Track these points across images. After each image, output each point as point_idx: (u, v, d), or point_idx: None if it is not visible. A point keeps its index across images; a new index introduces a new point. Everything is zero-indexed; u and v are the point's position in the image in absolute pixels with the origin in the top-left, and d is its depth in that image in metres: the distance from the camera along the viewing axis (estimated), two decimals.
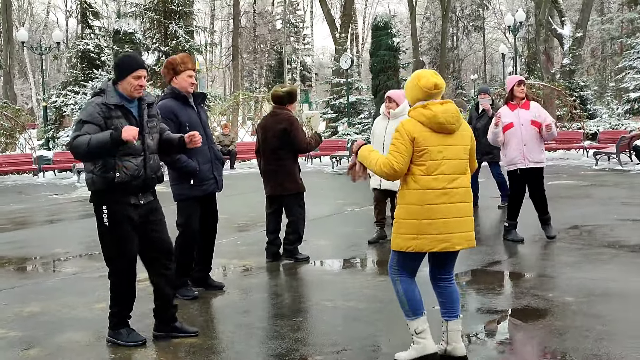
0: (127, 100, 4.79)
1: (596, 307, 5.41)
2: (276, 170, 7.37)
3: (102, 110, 4.67)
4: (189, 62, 6.00)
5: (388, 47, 24.61)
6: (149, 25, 28.37)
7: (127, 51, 20.07)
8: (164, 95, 6.10)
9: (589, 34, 42.60)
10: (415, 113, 4.28)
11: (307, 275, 7.08)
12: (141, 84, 4.78)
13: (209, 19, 59.89)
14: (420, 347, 4.33)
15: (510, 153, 8.00)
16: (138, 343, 4.91)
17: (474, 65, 74.54)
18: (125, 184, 4.73)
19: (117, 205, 4.77)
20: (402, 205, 4.28)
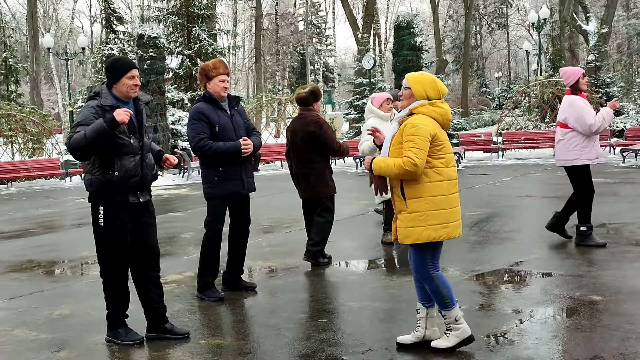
0: (122, 102, 4.89)
1: (623, 305, 5.37)
2: (307, 173, 7.38)
3: (97, 113, 4.76)
4: (221, 67, 6.12)
5: (410, 46, 24.56)
6: (172, 29, 28.59)
7: (151, 56, 20.23)
8: (198, 99, 6.25)
9: (615, 30, 42.13)
10: (426, 109, 4.44)
11: (332, 276, 7.11)
12: (136, 83, 4.90)
13: (231, 21, 60.17)
14: (460, 332, 4.54)
15: (596, 146, 7.69)
16: (136, 342, 5.02)
17: (498, 63, 74.07)
18: (124, 182, 4.83)
19: (114, 205, 4.88)
20: (425, 197, 4.39)
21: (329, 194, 7.47)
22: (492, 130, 25.35)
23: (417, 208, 4.39)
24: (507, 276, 6.69)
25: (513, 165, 19.61)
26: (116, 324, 5.09)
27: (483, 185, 14.50)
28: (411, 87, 4.53)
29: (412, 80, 4.56)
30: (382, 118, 8.09)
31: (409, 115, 4.48)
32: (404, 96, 4.59)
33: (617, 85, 28.71)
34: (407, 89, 4.56)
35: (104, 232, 4.93)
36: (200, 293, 6.20)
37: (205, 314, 5.79)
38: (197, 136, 5.95)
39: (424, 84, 4.51)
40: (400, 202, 4.48)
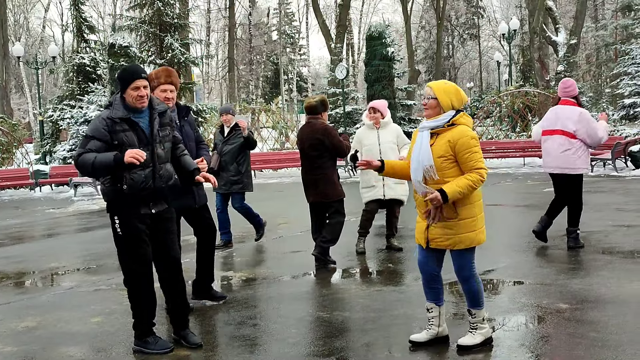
0: (135, 112, 4.82)
1: (589, 313, 5.44)
2: (316, 179, 7.64)
3: (107, 125, 4.73)
4: (162, 76, 5.87)
5: (383, 56, 24.69)
6: (144, 39, 28.40)
7: (122, 65, 20.13)
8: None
9: (584, 41, 42.78)
10: (465, 120, 4.64)
11: (303, 286, 7.10)
12: (141, 94, 4.79)
13: (204, 31, 60.03)
14: (485, 331, 4.78)
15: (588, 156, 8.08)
16: (166, 350, 4.93)
17: (470, 73, 74.74)
18: (134, 194, 4.78)
19: (127, 215, 4.84)
20: (474, 203, 4.61)
21: (339, 197, 7.71)
22: None
23: (469, 214, 4.58)
24: None
25: None
26: (144, 333, 5.00)
27: None
28: (437, 97, 4.58)
29: (438, 90, 4.61)
30: (368, 127, 8.29)
31: (450, 126, 4.54)
32: (429, 106, 4.62)
33: (586, 95, 29.12)
34: (433, 99, 4.59)
35: (123, 241, 4.89)
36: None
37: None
38: None
39: (449, 94, 4.60)
40: (449, 209, 4.53)
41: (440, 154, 4.52)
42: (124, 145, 4.71)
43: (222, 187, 8.96)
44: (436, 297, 4.83)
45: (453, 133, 4.52)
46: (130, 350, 5.08)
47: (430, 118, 4.61)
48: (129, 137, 4.75)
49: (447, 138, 4.51)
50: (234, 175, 8.99)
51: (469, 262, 4.70)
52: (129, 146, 4.71)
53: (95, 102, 23.64)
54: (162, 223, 5.00)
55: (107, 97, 21.45)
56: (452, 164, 4.53)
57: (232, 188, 9.04)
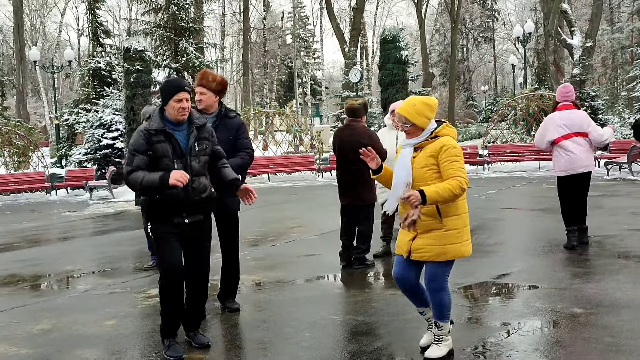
0: (173, 124, 4.92)
1: (604, 318, 5.40)
2: (355, 181, 7.75)
3: (145, 137, 4.85)
4: (203, 79, 5.94)
5: (396, 60, 24.64)
6: (159, 43, 28.59)
7: (137, 69, 20.24)
8: None
9: (599, 44, 42.52)
10: (448, 131, 4.64)
11: (316, 289, 7.11)
12: (183, 106, 4.88)
13: (219, 35, 60.27)
14: (449, 342, 4.76)
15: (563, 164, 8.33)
16: (176, 357, 4.93)
17: (484, 76, 74.55)
18: (166, 204, 4.89)
19: (160, 222, 4.95)
20: (460, 215, 4.60)
21: (372, 200, 7.93)
22: (478, 143, 25.47)
23: (454, 225, 4.56)
24: (491, 289, 6.71)
25: (498, 178, 19.70)
26: (164, 333, 5.07)
27: (468, 198, 14.50)
28: (414, 122, 4.56)
29: (410, 115, 4.56)
30: (389, 127, 8.50)
31: (432, 138, 4.55)
32: (409, 132, 4.61)
33: (601, 98, 28.93)
34: (412, 126, 4.57)
35: (155, 242, 5.05)
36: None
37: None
38: None
39: (421, 113, 4.56)
40: (434, 221, 4.52)
41: (423, 164, 4.52)
42: (159, 156, 4.84)
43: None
44: (423, 302, 4.81)
45: (435, 144, 4.54)
46: (145, 353, 5.11)
47: (412, 137, 4.63)
48: (164, 147, 4.86)
49: (430, 149, 4.53)
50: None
51: (444, 274, 4.63)
52: (162, 157, 4.84)
53: (111, 105, 23.77)
54: (196, 233, 5.07)
55: (122, 101, 21.54)
56: (436, 174, 4.50)
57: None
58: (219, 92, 6.00)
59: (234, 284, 6.29)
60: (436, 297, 4.65)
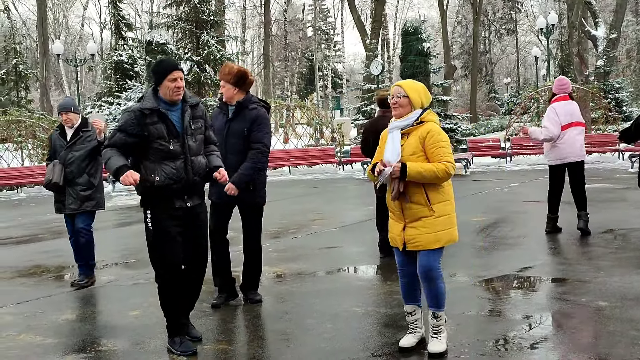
0: (167, 104, 4.86)
1: (629, 311, 5.34)
2: None
3: (137, 117, 4.75)
4: (223, 72, 6.03)
5: (418, 52, 24.57)
6: (180, 36, 28.70)
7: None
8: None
9: (624, 35, 42.02)
10: (433, 117, 4.65)
11: (337, 281, 7.11)
12: (178, 85, 4.82)
13: (240, 28, 60.35)
14: (446, 334, 4.72)
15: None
16: (188, 353, 4.88)
17: (506, 68, 73.98)
18: (167, 187, 4.78)
19: (160, 209, 4.84)
20: (449, 200, 4.60)
21: None
22: (501, 136, 25.30)
23: (445, 211, 4.55)
24: (514, 282, 6.67)
25: (521, 170, 19.57)
26: (172, 331, 4.98)
27: (490, 191, 14.47)
28: (409, 95, 4.59)
29: (409, 88, 4.63)
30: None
31: (419, 123, 4.55)
32: (400, 104, 4.61)
33: (626, 90, 28.63)
34: (405, 97, 4.59)
35: (153, 236, 4.89)
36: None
37: (211, 319, 5.79)
38: None
39: (419, 92, 4.64)
40: (424, 208, 4.51)
41: (412, 152, 4.52)
42: (153, 138, 4.75)
43: (71, 206, 7.35)
44: (417, 299, 4.78)
45: (421, 130, 4.55)
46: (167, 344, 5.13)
47: (400, 117, 4.63)
48: (159, 129, 4.77)
49: (417, 135, 4.54)
50: (85, 190, 7.35)
51: (438, 261, 4.62)
52: (157, 139, 4.76)
53: (133, 98, 23.96)
54: (195, 218, 5.00)
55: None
56: (425, 161, 4.51)
57: (83, 206, 7.36)
58: (236, 83, 5.99)
59: (256, 276, 6.30)
60: (432, 286, 4.62)
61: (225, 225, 6.16)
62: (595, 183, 14.32)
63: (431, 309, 4.69)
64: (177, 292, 4.96)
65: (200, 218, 5.08)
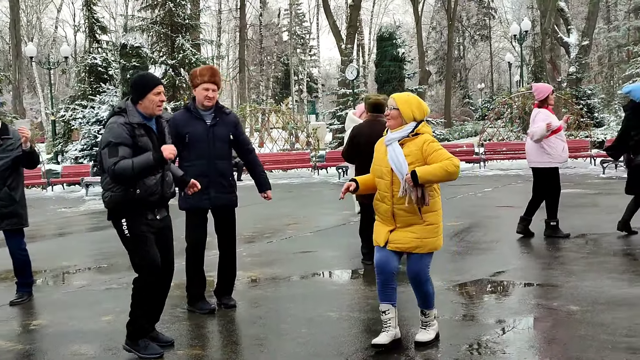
0: (146, 119, 4.87)
1: (600, 316, 5.41)
2: None
3: (128, 130, 4.74)
4: (207, 74, 5.92)
5: (393, 57, 24.69)
6: (155, 39, 28.56)
7: (134, 65, 20.21)
8: (183, 105, 6.16)
9: (596, 42, 42.57)
10: (427, 129, 4.80)
11: (312, 286, 7.11)
12: (162, 99, 4.88)
13: (215, 31, 60.19)
14: (436, 327, 4.98)
15: (564, 153, 8.91)
16: (156, 356, 4.87)
17: (480, 74, 74.59)
18: (144, 199, 4.81)
19: (135, 217, 4.84)
20: (437, 211, 4.78)
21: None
22: (475, 141, 25.51)
23: (433, 221, 4.74)
24: (487, 286, 6.72)
25: (494, 175, 19.73)
26: (137, 334, 4.92)
27: (464, 195, 14.57)
28: (399, 108, 4.73)
29: (400, 101, 4.77)
30: (350, 120, 8.22)
31: (414, 135, 4.70)
32: (392, 116, 4.75)
33: (597, 97, 29.01)
34: (395, 110, 4.73)
35: (132, 241, 4.86)
36: (190, 306, 6.13)
37: (184, 324, 5.76)
38: None
39: (410, 105, 4.76)
40: (414, 216, 4.68)
41: (410, 162, 4.65)
42: (141, 151, 4.75)
43: None
44: (392, 298, 4.88)
45: (418, 141, 4.69)
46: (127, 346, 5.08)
47: (393, 129, 4.77)
48: (146, 142, 4.80)
49: (414, 147, 4.68)
50: (5, 206, 6.72)
51: (427, 266, 4.80)
52: (145, 150, 4.75)
53: (107, 102, 23.75)
54: (164, 230, 5.06)
55: (118, 98, 21.50)
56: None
57: (3, 224, 6.76)
58: (219, 86, 6.05)
59: (231, 281, 6.28)
60: (422, 288, 4.82)
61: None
62: (568, 188, 14.47)
63: (421, 307, 4.93)
64: (155, 295, 4.97)
65: (169, 228, 5.13)
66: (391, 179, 4.72)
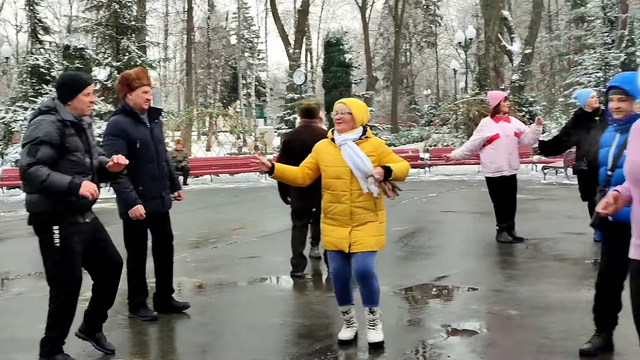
0: (77, 119, 4.71)
1: (538, 320, 5.53)
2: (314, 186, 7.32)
3: (59, 128, 4.55)
4: (145, 77, 5.85)
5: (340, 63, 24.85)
6: (100, 41, 28.09)
7: (77, 67, 19.84)
8: (116, 111, 5.94)
9: (538, 51, 43.58)
10: (371, 135, 5.05)
11: (257, 292, 7.09)
12: (92, 100, 4.76)
13: (162, 34, 59.51)
14: (382, 325, 5.08)
15: (499, 161, 8.87)
16: None
17: (427, 80, 75.42)
18: (75, 203, 4.59)
19: (67, 225, 4.63)
20: (383, 209, 5.02)
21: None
22: (420, 147, 25.80)
23: (383, 218, 5.03)
24: (430, 291, 6.80)
25: (439, 181, 20.00)
26: (54, 350, 4.76)
27: (409, 200, 14.71)
28: (352, 112, 4.93)
29: (352, 106, 4.98)
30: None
31: (366, 138, 4.94)
32: (344, 120, 4.92)
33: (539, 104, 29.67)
34: (349, 114, 4.91)
35: (59, 253, 4.62)
36: (132, 313, 6.03)
37: (127, 331, 5.68)
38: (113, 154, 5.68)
39: (362, 111, 5.02)
40: (371, 213, 4.91)
41: (376, 160, 4.91)
42: (70, 150, 4.58)
43: None
44: (349, 300, 5.09)
45: (373, 143, 4.97)
46: (79, 357, 4.98)
47: (344, 132, 4.93)
48: (76, 142, 4.62)
49: (370, 147, 4.92)
50: None
51: (373, 262, 4.98)
52: (75, 151, 4.60)
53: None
54: (97, 232, 4.87)
55: None
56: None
57: None
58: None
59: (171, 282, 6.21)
60: (369, 285, 4.95)
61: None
62: None
63: (367, 305, 5.02)
64: (73, 312, 4.77)
65: (102, 230, 4.94)
66: (350, 177, 4.86)
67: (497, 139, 8.85)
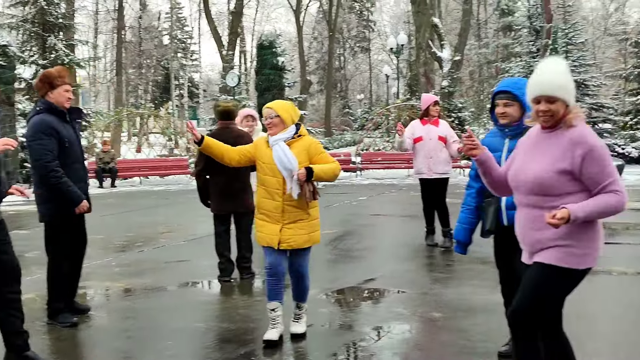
0: None
1: (461, 322, 5.64)
2: (239, 188, 7.23)
3: None
4: (66, 75, 5.73)
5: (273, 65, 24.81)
6: (26, 38, 27.26)
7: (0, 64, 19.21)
8: (38, 110, 5.70)
9: (467, 58, 44.50)
10: (305, 132, 5.16)
11: (182, 296, 6.99)
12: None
13: (92, 32, 58.22)
14: (306, 318, 5.38)
15: (418, 164, 9.09)
16: None
17: (360, 85, 76.05)
18: None
19: None
20: (316, 206, 5.17)
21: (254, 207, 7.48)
22: (352, 151, 25.99)
23: (316, 215, 5.15)
24: (357, 294, 6.85)
25: (370, 184, 20.18)
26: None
27: (340, 204, 14.81)
28: (280, 115, 5.01)
29: (279, 108, 5.06)
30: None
31: (299, 136, 5.05)
32: (274, 124, 5.02)
33: (468, 110, 30.30)
34: (277, 117, 5.00)
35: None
36: (51, 319, 5.84)
37: (45, 337, 5.51)
38: (48, 154, 5.47)
39: (288, 110, 5.09)
40: (302, 211, 5.03)
41: (299, 161, 4.97)
42: None
43: None
44: (281, 297, 5.19)
45: (303, 142, 5.07)
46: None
47: (274, 134, 5.04)
48: None
49: (300, 147, 5.03)
50: None
51: (307, 260, 5.21)
52: None
53: None
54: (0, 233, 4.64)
55: None
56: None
57: None
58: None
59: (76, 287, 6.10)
60: (302, 282, 5.24)
61: None
62: None
63: (297, 300, 5.32)
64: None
65: (4, 232, 4.67)
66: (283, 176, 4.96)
67: (420, 142, 9.00)
